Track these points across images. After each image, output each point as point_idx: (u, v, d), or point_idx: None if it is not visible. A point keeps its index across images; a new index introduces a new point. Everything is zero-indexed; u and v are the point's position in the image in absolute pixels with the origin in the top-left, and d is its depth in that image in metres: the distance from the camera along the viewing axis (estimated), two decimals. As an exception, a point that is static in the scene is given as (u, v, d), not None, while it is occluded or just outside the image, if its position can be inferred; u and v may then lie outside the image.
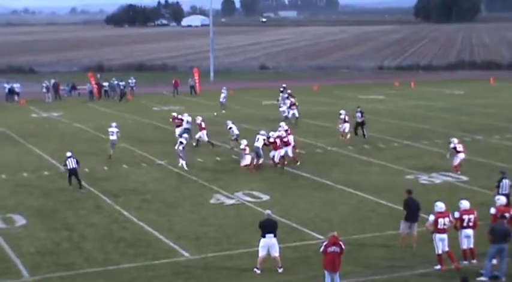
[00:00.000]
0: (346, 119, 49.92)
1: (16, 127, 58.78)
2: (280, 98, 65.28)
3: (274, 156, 41.63)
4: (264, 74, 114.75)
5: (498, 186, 31.06)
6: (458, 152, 39.60)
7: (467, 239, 25.32)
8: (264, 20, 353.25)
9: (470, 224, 25.26)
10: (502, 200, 26.48)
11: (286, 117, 57.40)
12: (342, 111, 50.32)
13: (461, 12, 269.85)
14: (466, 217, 25.26)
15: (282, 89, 69.36)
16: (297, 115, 58.16)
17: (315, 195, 35.46)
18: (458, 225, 25.29)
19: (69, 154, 38.07)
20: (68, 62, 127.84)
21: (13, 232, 30.05)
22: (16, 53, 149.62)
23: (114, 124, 47.24)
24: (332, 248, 22.53)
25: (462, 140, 49.94)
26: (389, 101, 75.13)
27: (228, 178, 39.12)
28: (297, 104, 58.89)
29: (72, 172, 37.25)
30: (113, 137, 45.73)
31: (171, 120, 50.80)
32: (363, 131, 50.46)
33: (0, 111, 70.16)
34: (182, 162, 41.42)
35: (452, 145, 39.97)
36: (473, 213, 25.42)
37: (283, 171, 40.68)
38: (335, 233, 23.19)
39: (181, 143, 41.40)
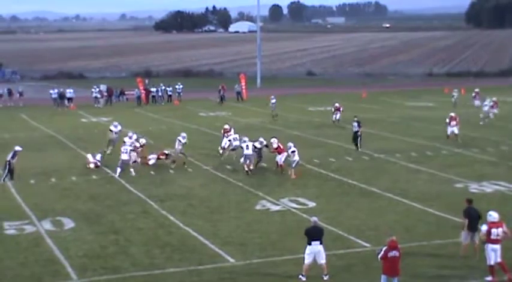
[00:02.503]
0: None
1: (66, 132, 59.36)
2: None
3: (280, 159, 42.19)
4: (311, 80, 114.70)
5: None
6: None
7: None
8: (387, 25, 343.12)
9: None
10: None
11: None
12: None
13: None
14: None
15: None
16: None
17: (361, 203, 35.27)
18: None
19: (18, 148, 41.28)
20: (116, 67, 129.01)
21: (62, 235, 30.28)
22: (67, 59, 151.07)
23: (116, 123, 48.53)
24: (392, 253, 22.38)
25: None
26: (439, 108, 74.53)
27: (274, 184, 39.08)
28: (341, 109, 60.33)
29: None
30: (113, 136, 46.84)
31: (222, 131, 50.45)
32: (358, 143, 49.48)
33: (51, 116, 70.83)
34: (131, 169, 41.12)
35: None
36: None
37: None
38: (394, 238, 22.93)
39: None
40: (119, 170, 41.24)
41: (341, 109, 59.97)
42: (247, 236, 29.77)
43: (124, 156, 41.46)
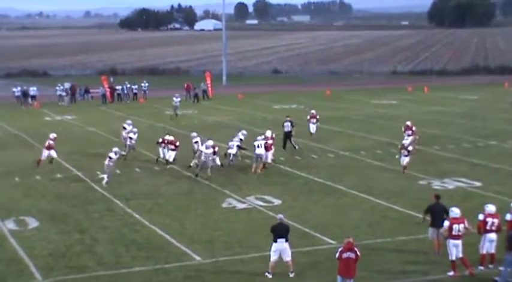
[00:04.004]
0: None
1: (30, 130, 59.06)
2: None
3: (267, 157, 42.55)
4: (277, 78, 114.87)
5: None
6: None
7: (490, 243, 25.25)
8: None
9: (494, 228, 25.21)
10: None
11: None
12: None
13: (475, 17, 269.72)
14: (490, 220, 25.20)
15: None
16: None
17: (327, 200, 35.41)
18: (482, 228, 25.32)
19: None
20: (81, 65, 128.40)
21: (26, 234, 30.13)
22: (30, 57, 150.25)
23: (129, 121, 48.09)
24: (347, 254, 22.50)
25: (475, 145, 50.21)
26: (402, 106, 75.06)
27: (240, 182, 39.11)
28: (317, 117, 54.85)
29: None
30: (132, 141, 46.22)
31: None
32: (292, 143, 48.83)
33: (15, 115, 70.44)
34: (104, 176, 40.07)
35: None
36: (497, 218, 25.40)
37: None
38: (350, 239, 23.09)
39: (110, 158, 39.90)
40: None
41: (317, 117, 54.09)
42: (214, 234, 29.79)
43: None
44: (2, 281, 24.75)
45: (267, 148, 42.38)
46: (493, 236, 25.24)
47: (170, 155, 43.49)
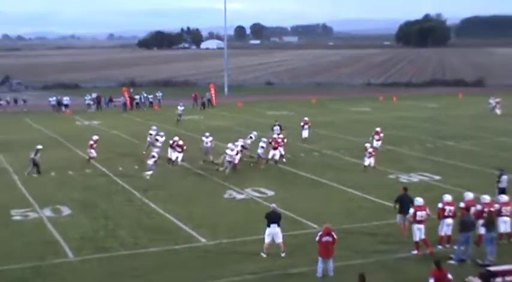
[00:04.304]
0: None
1: (64, 133, 58.94)
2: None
3: (274, 155, 42.25)
4: (270, 89, 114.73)
5: (498, 182, 31.36)
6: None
7: (447, 227, 25.54)
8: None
9: (451, 214, 25.51)
10: (469, 195, 26.63)
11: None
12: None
13: (435, 39, 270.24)
14: (447, 208, 25.48)
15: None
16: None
17: (312, 192, 35.43)
18: (441, 214, 25.64)
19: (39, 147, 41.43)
20: (106, 78, 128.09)
21: (60, 220, 30.16)
22: (63, 72, 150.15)
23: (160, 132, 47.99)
24: (325, 238, 22.58)
25: (436, 145, 50.22)
26: (375, 113, 75.04)
27: (239, 177, 39.03)
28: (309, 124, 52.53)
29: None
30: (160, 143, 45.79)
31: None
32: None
33: (51, 121, 70.27)
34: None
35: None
36: (453, 206, 25.65)
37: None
38: (328, 225, 23.31)
39: (153, 156, 39.67)
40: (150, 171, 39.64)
41: (309, 124, 52.36)
42: (217, 220, 29.77)
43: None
44: (42, 258, 24.74)
45: (275, 148, 42.31)
46: (449, 220, 25.57)
47: (178, 156, 43.31)
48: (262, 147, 42.52)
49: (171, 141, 43.85)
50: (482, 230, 24.94)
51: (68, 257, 25.10)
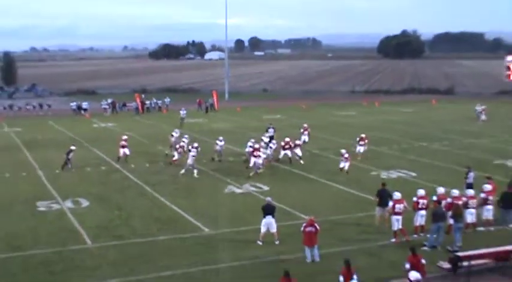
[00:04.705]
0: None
1: (82, 134, 58.92)
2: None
3: (285, 154, 42.06)
4: (265, 95, 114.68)
5: (466, 178, 31.50)
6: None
7: (421, 217, 25.77)
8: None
9: (424, 206, 25.69)
10: (440, 190, 26.79)
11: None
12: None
13: (411, 52, 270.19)
14: (421, 201, 25.70)
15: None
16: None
17: (303, 186, 35.47)
18: (415, 207, 25.83)
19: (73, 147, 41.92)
20: (120, 85, 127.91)
21: (80, 211, 30.21)
22: (83, 80, 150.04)
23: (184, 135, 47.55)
24: (309, 228, 22.77)
25: (412, 145, 50.23)
26: (359, 117, 75.05)
27: (238, 173, 39.01)
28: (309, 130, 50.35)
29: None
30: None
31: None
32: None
33: (71, 123, 70.25)
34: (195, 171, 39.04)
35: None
36: (426, 199, 25.83)
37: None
38: (312, 217, 23.56)
39: (193, 156, 39.23)
40: (195, 171, 38.86)
41: (309, 130, 50.49)
42: (218, 211, 29.77)
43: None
44: (63, 244, 24.86)
45: (284, 148, 42.13)
46: (423, 212, 25.79)
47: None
48: (271, 147, 42.81)
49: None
50: (451, 221, 25.08)
51: (86, 244, 25.17)
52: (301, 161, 41.89)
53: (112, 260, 23.23)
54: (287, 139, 43.07)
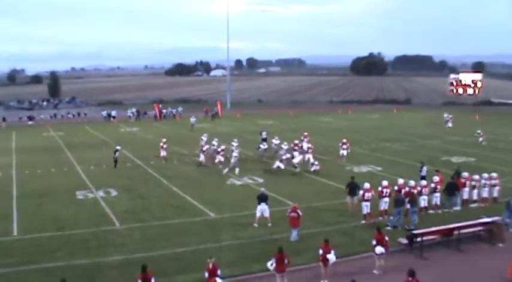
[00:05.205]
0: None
1: (111, 137, 58.89)
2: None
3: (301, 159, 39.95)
4: (260, 105, 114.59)
5: (420, 171, 31.62)
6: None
7: (385, 203, 25.93)
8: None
9: (387, 194, 25.75)
10: (400, 181, 27.00)
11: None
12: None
13: (377, 70, 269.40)
14: (385, 190, 25.82)
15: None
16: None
17: (292, 179, 35.49)
18: (380, 195, 26.03)
19: (118, 147, 41.56)
20: (142, 97, 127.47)
21: (110, 199, 30.23)
22: (112, 93, 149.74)
23: (205, 135, 47.01)
24: (292, 214, 22.92)
25: (378, 146, 50.28)
26: (336, 122, 75.07)
27: (239, 169, 39.00)
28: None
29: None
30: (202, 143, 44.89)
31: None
32: (263, 146, 45.27)
33: (103, 128, 70.15)
34: (237, 169, 37.73)
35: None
36: (389, 188, 25.96)
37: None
38: (295, 204, 23.83)
39: (235, 156, 38.55)
40: (237, 169, 37.80)
41: (307, 139, 46.76)
42: (222, 200, 29.82)
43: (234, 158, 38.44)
44: (97, 226, 25.03)
45: (294, 149, 40.53)
46: (386, 199, 26.07)
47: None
48: (260, 147, 42.63)
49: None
50: (408, 205, 25.25)
51: (115, 226, 25.24)
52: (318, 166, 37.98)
53: (136, 238, 23.30)
54: (309, 145, 42.12)
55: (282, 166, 37.80)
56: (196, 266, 19.44)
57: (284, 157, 38.77)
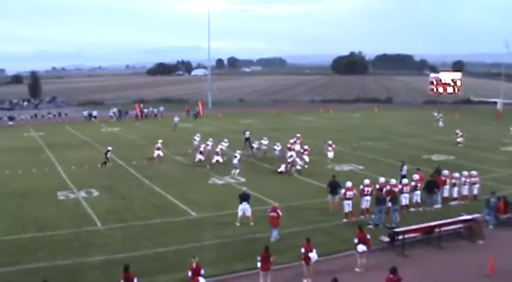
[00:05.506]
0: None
1: (92, 137, 58.47)
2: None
3: (291, 156, 39.67)
4: (242, 104, 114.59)
5: (401, 170, 31.80)
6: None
7: (366, 202, 26.06)
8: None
9: (369, 193, 25.89)
10: (381, 179, 27.18)
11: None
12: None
13: (358, 69, 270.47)
14: (366, 189, 25.93)
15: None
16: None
17: (273, 179, 35.49)
18: (362, 193, 26.12)
19: (110, 148, 41.29)
20: (123, 97, 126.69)
21: (92, 200, 30.01)
22: (93, 92, 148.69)
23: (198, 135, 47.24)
24: (272, 213, 22.88)
25: (359, 144, 50.53)
26: (316, 121, 75.33)
27: (219, 168, 38.89)
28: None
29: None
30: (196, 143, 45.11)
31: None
32: (250, 144, 46.35)
33: (84, 128, 69.61)
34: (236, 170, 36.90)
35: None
36: (371, 187, 26.10)
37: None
38: (275, 204, 23.82)
39: (236, 156, 37.77)
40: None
41: (299, 140, 45.42)
42: (203, 199, 29.75)
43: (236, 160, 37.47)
44: (79, 226, 24.83)
45: (290, 149, 40.50)
46: (368, 197, 26.08)
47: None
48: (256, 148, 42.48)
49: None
50: (389, 204, 25.40)
51: (97, 226, 25.07)
52: (306, 166, 38.46)
53: (118, 239, 23.16)
54: (306, 146, 41.31)
55: (283, 169, 37.25)
56: (178, 265, 19.39)
57: (290, 160, 37.88)
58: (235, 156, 37.82)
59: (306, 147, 41.34)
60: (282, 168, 37.04)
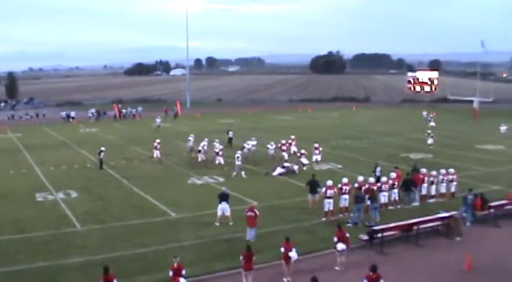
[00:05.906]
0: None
1: (71, 137, 57.93)
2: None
3: (283, 156, 40.10)
4: (220, 104, 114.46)
5: (374, 171, 31.92)
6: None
7: (345, 201, 26.19)
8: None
9: (347, 191, 26.07)
10: (360, 178, 27.36)
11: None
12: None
13: (336, 68, 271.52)
14: (344, 187, 26.08)
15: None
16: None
17: (252, 178, 35.47)
18: (340, 192, 26.27)
19: (103, 148, 40.49)
20: (101, 97, 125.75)
21: (70, 201, 29.73)
22: (71, 93, 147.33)
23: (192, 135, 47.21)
24: (249, 213, 22.89)
25: (338, 143, 50.75)
26: (296, 121, 75.49)
27: (199, 168, 38.87)
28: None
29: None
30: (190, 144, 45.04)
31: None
32: (231, 144, 47.52)
33: (62, 128, 68.96)
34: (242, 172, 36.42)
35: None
36: (349, 186, 26.25)
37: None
38: (253, 204, 23.87)
39: (237, 157, 37.24)
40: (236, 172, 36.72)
41: (294, 142, 45.39)
42: (183, 199, 29.65)
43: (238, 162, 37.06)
44: (58, 228, 24.61)
45: (283, 150, 40.94)
46: (346, 196, 26.28)
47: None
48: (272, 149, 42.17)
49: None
50: (368, 202, 25.55)
51: (76, 227, 24.83)
52: (304, 168, 37.88)
53: (97, 240, 22.97)
54: (302, 151, 39.99)
55: (278, 173, 36.81)
56: (158, 266, 19.30)
57: (286, 164, 37.50)
58: (237, 157, 37.13)
59: (302, 151, 39.50)
60: (277, 172, 36.36)
